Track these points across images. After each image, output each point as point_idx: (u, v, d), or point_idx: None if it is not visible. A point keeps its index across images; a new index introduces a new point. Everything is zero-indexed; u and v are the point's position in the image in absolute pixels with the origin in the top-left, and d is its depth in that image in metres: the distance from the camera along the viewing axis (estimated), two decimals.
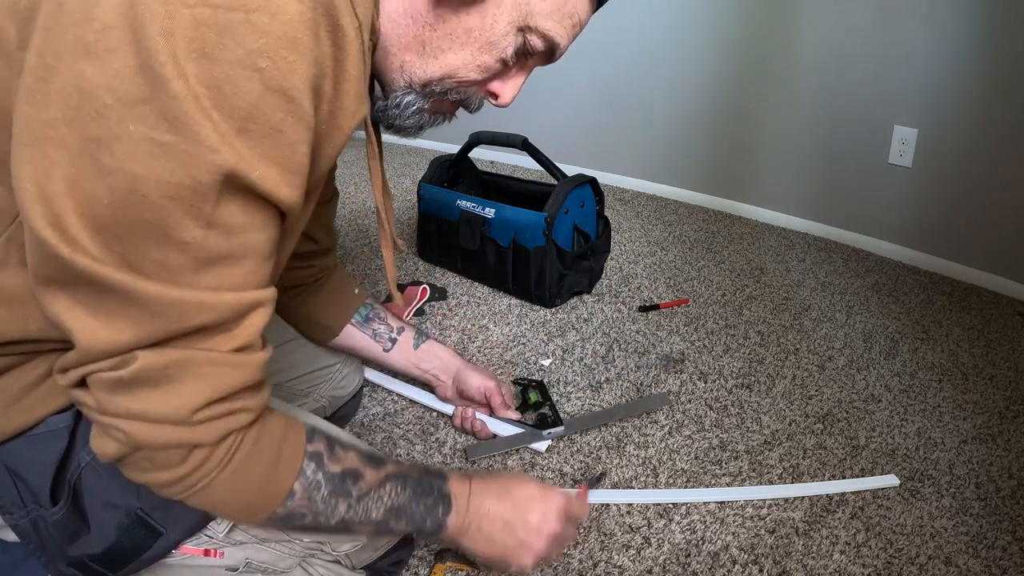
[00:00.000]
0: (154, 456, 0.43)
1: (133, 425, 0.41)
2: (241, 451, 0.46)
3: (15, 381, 0.49)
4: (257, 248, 0.42)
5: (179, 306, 0.39)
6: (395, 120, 0.56)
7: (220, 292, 0.41)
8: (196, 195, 0.37)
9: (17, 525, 0.50)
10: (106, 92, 0.35)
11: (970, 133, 1.61)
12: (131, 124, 0.35)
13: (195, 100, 0.35)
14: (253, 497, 0.48)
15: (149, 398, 0.41)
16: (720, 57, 2.03)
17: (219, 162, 0.37)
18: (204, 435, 0.43)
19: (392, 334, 0.94)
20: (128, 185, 0.36)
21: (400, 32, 0.50)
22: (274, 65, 0.37)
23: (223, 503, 0.48)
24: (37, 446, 0.50)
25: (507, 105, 0.58)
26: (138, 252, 0.38)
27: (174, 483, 0.44)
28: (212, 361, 0.42)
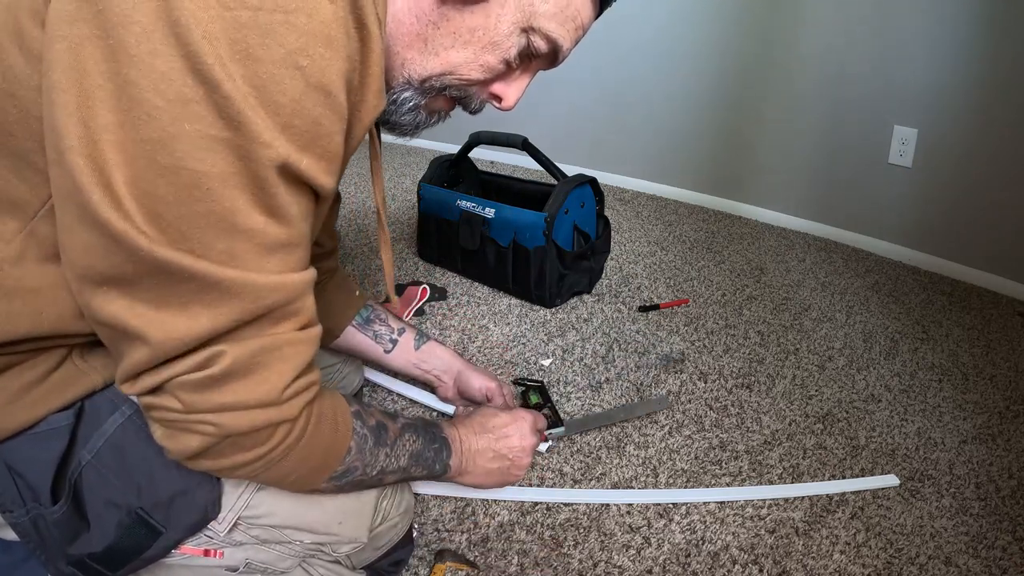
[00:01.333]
0: (240, 441, 0.46)
1: (224, 416, 0.44)
2: (313, 419, 0.50)
3: (16, 379, 0.49)
4: (306, 233, 0.45)
5: (256, 287, 0.42)
6: (391, 116, 0.56)
7: (285, 274, 0.44)
8: (257, 186, 0.40)
9: (17, 523, 0.50)
10: (155, 95, 0.36)
11: (970, 133, 1.61)
12: (186, 123, 0.37)
13: (244, 99, 0.37)
14: (320, 460, 0.53)
15: (241, 388, 0.43)
16: (720, 57, 2.03)
17: (273, 156, 0.39)
18: (289, 411, 0.47)
19: (393, 335, 0.94)
20: (192, 180, 0.38)
21: (404, 30, 0.51)
22: (313, 63, 0.39)
23: (292, 471, 0.51)
24: (38, 444, 0.50)
25: (511, 108, 0.58)
26: (204, 244, 0.40)
27: (254, 461, 0.47)
28: (289, 342, 0.45)
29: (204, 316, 0.41)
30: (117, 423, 0.52)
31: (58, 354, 0.51)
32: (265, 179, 0.39)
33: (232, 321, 0.42)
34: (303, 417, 0.49)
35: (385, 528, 0.65)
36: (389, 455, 0.60)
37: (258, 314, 0.43)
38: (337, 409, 0.54)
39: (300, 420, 0.49)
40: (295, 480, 0.53)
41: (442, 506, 0.87)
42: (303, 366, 0.47)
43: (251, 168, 0.39)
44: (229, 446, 0.46)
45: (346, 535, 0.60)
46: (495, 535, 0.83)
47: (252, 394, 0.44)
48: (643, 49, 2.18)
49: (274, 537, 0.57)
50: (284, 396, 0.46)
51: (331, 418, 0.53)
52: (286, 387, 0.46)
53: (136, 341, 0.41)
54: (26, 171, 0.43)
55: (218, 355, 0.42)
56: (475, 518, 0.85)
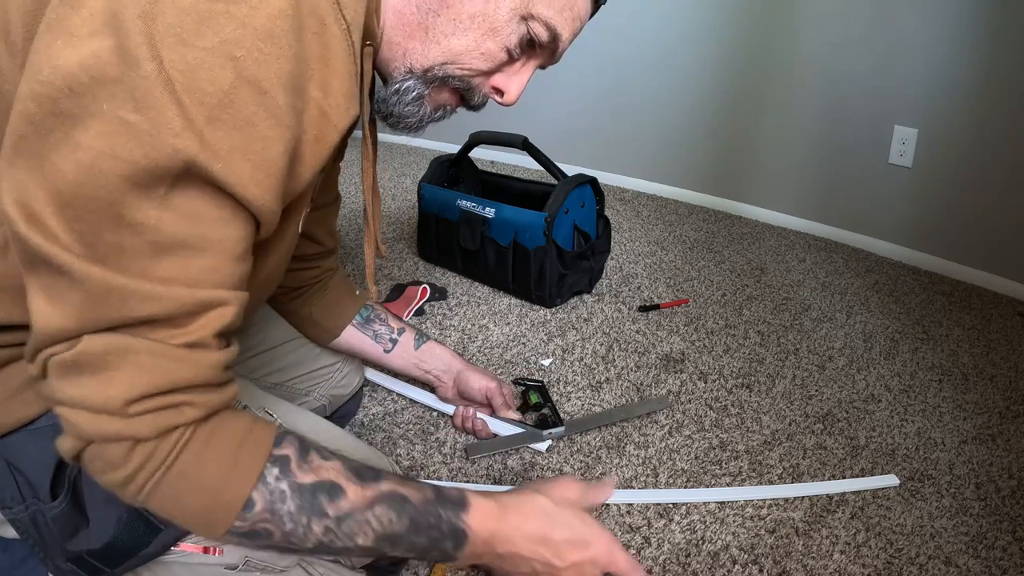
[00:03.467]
0: (103, 452, 0.41)
1: (76, 414, 0.40)
2: (189, 449, 0.43)
3: (17, 374, 0.49)
4: (220, 245, 0.41)
5: (122, 293, 0.38)
6: (394, 107, 0.55)
7: (171, 285, 0.39)
8: (151, 176, 0.37)
9: (16, 520, 0.50)
10: (82, 70, 0.35)
11: (970, 133, 1.61)
12: (104, 103, 0.35)
13: (166, 83, 0.35)
14: (207, 503, 0.44)
15: (88, 385, 0.40)
16: (720, 57, 2.03)
17: (179, 147, 0.36)
18: (140, 428, 0.41)
19: (393, 335, 0.94)
20: (91, 161, 0.36)
21: (405, 22, 0.51)
22: (248, 56, 0.37)
23: (176, 508, 0.44)
24: (37, 440, 0.50)
25: (512, 103, 0.58)
26: (95, 232, 0.37)
27: (126, 483, 0.42)
28: (154, 352, 0.40)
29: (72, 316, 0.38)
30: None
31: None
32: (162, 168, 0.37)
33: (99, 324, 0.39)
34: (169, 442, 0.42)
35: None
36: (333, 531, 0.46)
37: (127, 323, 0.39)
38: (245, 447, 0.45)
39: (163, 445, 0.42)
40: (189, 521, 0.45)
41: None
42: (168, 385, 0.41)
43: (149, 156, 0.36)
44: (97, 458, 0.42)
45: None
46: None
47: (95, 394, 0.39)
48: (643, 49, 2.18)
49: None
50: (131, 409, 0.40)
51: (227, 456, 0.44)
52: (134, 399, 0.40)
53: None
54: None
55: (76, 342, 0.39)
56: None
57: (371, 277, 0.71)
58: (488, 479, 0.92)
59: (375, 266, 0.70)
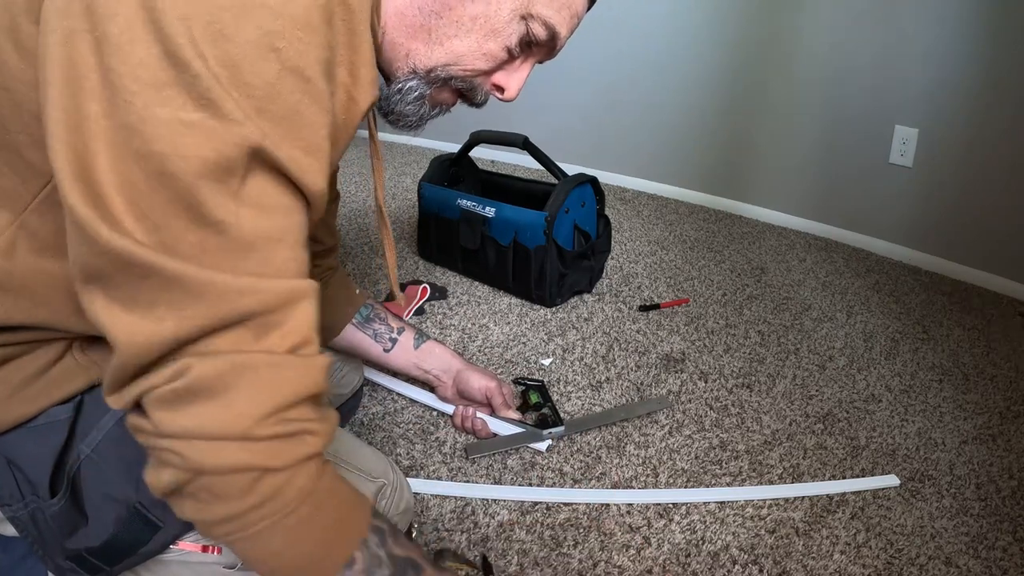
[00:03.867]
0: (214, 485, 0.39)
1: (190, 445, 0.38)
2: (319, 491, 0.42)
3: (17, 371, 0.49)
4: (292, 233, 0.41)
5: (220, 288, 0.38)
6: (396, 105, 0.56)
7: (263, 278, 0.39)
8: (223, 169, 0.37)
9: (15, 517, 0.50)
10: (132, 81, 0.35)
11: (970, 133, 1.61)
12: (158, 107, 0.36)
13: (215, 79, 0.36)
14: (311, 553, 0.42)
15: (207, 411, 0.38)
16: (721, 57, 2.02)
17: (245, 134, 0.37)
18: (270, 455, 0.39)
19: (392, 334, 0.94)
20: (159, 167, 0.36)
21: (408, 23, 0.52)
22: (290, 46, 0.38)
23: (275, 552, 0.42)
24: (37, 437, 0.50)
25: (513, 99, 0.59)
26: (175, 237, 0.37)
27: (231, 518, 0.39)
28: (271, 364, 0.39)
29: (169, 319, 0.37)
30: (116, 417, 0.52)
31: (58, 347, 0.51)
32: (235, 161, 0.37)
33: (198, 327, 0.38)
34: (301, 475, 0.41)
35: None
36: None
37: (228, 322, 0.38)
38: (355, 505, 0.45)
39: (297, 478, 0.40)
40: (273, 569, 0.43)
41: (442, 506, 0.87)
42: (291, 398, 0.40)
43: (218, 148, 0.36)
44: (204, 490, 0.39)
45: None
46: (495, 535, 0.83)
47: (216, 419, 0.38)
48: (643, 49, 2.18)
49: None
50: (258, 432, 0.38)
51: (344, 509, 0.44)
52: (261, 418, 0.38)
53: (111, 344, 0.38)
54: (18, 164, 0.44)
55: (186, 368, 0.37)
56: (475, 518, 0.85)
57: (395, 282, 0.71)
58: (488, 479, 0.92)
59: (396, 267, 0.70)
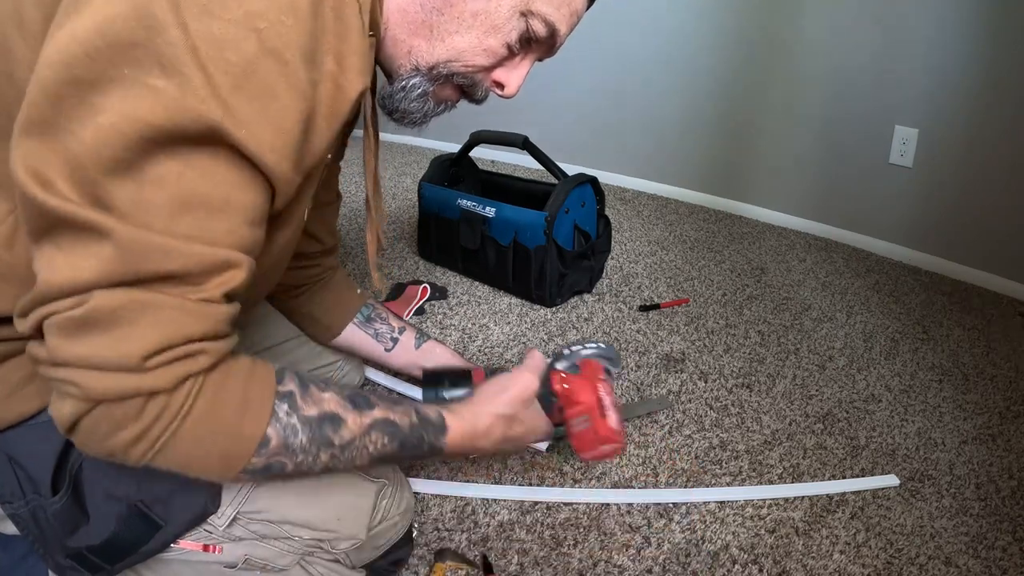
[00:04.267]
0: (111, 412, 0.40)
1: (84, 374, 0.39)
2: (203, 396, 0.43)
3: (18, 369, 0.49)
4: (238, 208, 0.42)
5: (148, 248, 0.38)
6: (400, 103, 0.57)
7: (192, 243, 0.40)
8: (173, 137, 0.38)
9: (16, 515, 0.50)
10: (98, 36, 0.35)
11: (970, 133, 1.61)
12: (125, 67, 0.36)
13: (192, 51, 0.36)
14: (225, 446, 0.45)
15: (100, 342, 0.39)
16: (721, 57, 2.02)
17: (204, 112, 0.37)
18: (157, 380, 0.41)
19: (393, 334, 0.94)
20: (112, 122, 0.36)
21: (409, 20, 0.53)
22: (271, 28, 0.38)
23: (192, 456, 0.44)
24: (39, 435, 0.50)
25: (513, 95, 0.59)
26: (114, 191, 0.38)
27: (137, 440, 0.41)
28: (169, 305, 0.40)
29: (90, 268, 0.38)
30: None
31: None
32: (189, 132, 0.38)
33: (116, 277, 0.39)
34: (183, 392, 0.42)
35: (385, 527, 0.65)
36: (338, 458, 0.50)
37: (146, 278, 0.39)
38: (252, 387, 0.46)
39: (178, 394, 0.42)
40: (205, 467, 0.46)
41: (442, 506, 0.87)
42: (182, 338, 0.41)
43: (175, 120, 0.37)
44: (103, 420, 0.41)
45: (344, 532, 0.60)
46: (495, 535, 0.83)
47: (109, 350, 0.39)
48: (643, 49, 2.18)
49: (273, 532, 0.57)
50: (148, 363, 0.40)
51: (238, 397, 0.45)
52: (151, 353, 0.40)
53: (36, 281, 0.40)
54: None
55: (86, 298, 0.38)
56: (475, 518, 0.85)
57: (373, 265, 0.71)
58: (488, 479, 0.92)
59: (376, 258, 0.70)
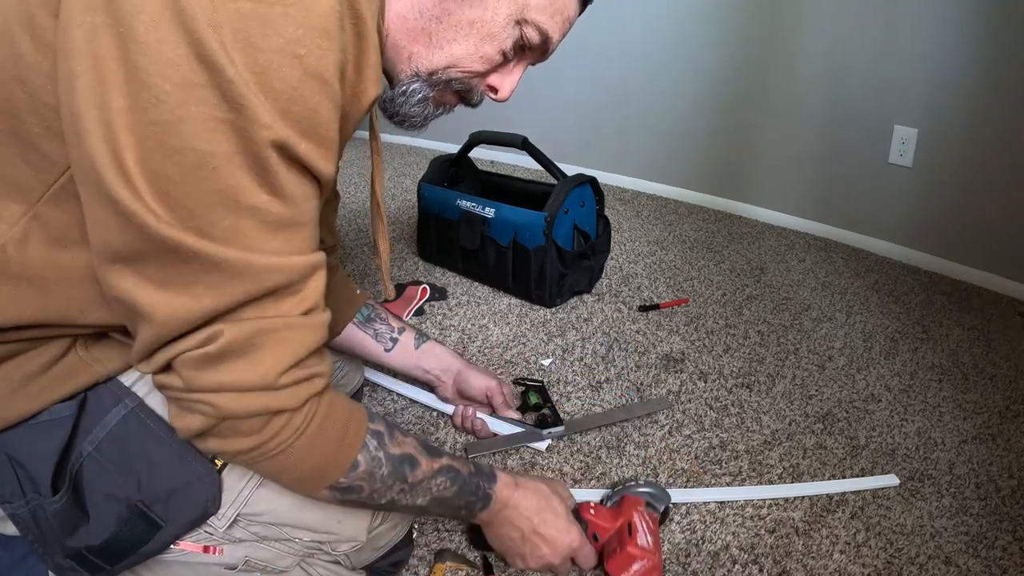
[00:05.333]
0: (238, 425, 0.46)
1: (221, 397, 0.44)
2: (317, 418, 0.49)
3: (19, 368, 0.49)
4: (309, 215, 0.46)
5: (255, 268, 0.43)
6: (401, 107, 0.59)
7: (289, 256, 0.45)
8: (259, 165, 0.41)
9: (16, 514, 0.50)
10: (163, 80, 0.38)
11: (970, 133, 1.61)
12: (192, 106, 0.38)
13: (246, 84, 0.39)
14: (322, 463, 0.51)
15: (237, 368, 0.44)
16: (720, 57, 2.03)
17: (272, 136, 0.41)
18: (287, 400, 0.46)
19: (393, 334, 0.94)
20: (198, 160, 0.40)
21: (409, 27, 0.55)
22: (311, 53, 0.41)
23: (291, 469, 0.50)
24: (39, 434, 0.50)
25: (506, 99, 0.62)
26: (210, 222, 0.41)
27: (253, 449, 0.47)
28: (289, 326, 0.46)
29: (207, 296, 0.42)
30: (119, 415, 0.52)
31: (62, 344, 0.51)
32: (266, 159, 0.41)
33: (234, 301, 0.43)
34: (305, 411, 0.48)
35: (385, 529, 0.65)
36: (407, 492, 0.57)
37: (259, 295, 0.44)
38: (351, 419, 0.53)
39: (300, 413, 0.48)
40: (295, 479, 0.52)
41: None
42: (304, 353, 0.47)
43: (252, 148, 0.40)
44: (228, 429, 0.46)
45: (345, 534, 0.60)
46: None
47: (246, 375, 0.44)
48: (643, 49, 2.18)
49: (273, 534, 0.57)
50: (280, 381, 0.45)
51: (341, 425, 0.52)
52: (283, 372, 0.45)
53: (143, 319, 0.43)
54: (32, 155, 0.44)
55: (217, 334, 0.43)
56: None
57: (387, 271, 0.74)
58: None
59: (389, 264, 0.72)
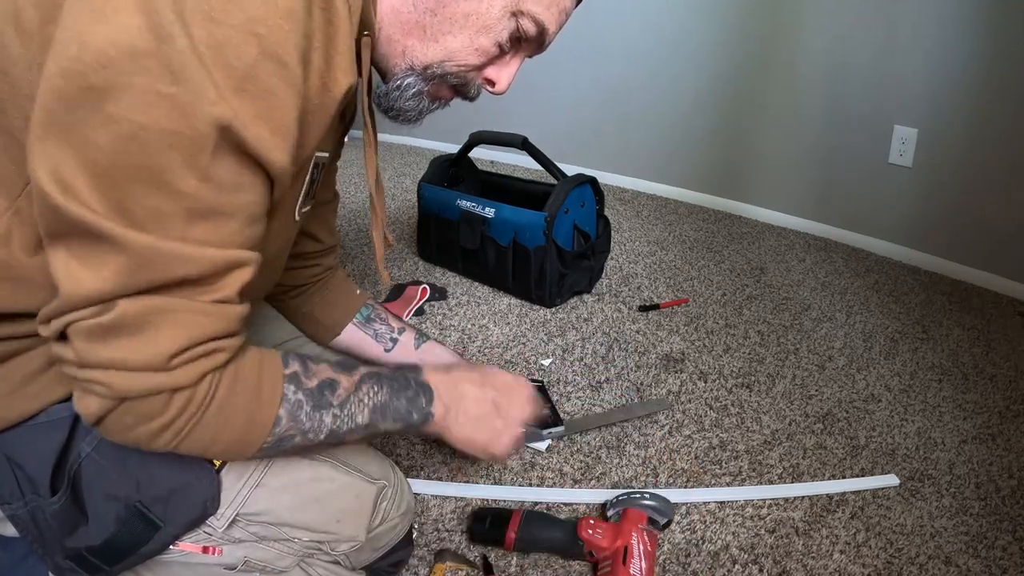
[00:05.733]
0: (137, 407, 0.43)
1: (112, 375, 0.42)
2: (222, 388, 0.47)
3: (18, 368, 0.49)
4: (246, 209, 0.44)
5: (165, 257, 0.41)
6: (395, 102, 0.58)
7: (205, 247, 0.42)
8: (195, 145, 0.39)
9: (15, 515, 0.50)
10: (111, 46, 0.37)
11: (970, 133, 1.61)
12: (136, 76, 0.37)
13: (198, 57, 0.38)
14: (242, 430, 0.49)
15: (127, 346, 0.42)
16: (720, 57, 2.03)
17: (217, 114, 0.39)
18: (181, 378, 0.44)
19: (393, 334, 0.94)
20: (131, 132, 0.38)
21: (403, 20, 0.54)
22: (270, 32, 0.40)
23: (213, 441, 0.48)
24: (38, 435, 0.50)
25: (503, 92, 0.60)
26: (133, 199, 0.39)
27: (162, 431, 0.45)
28: (189, 309, 0.43)
29: (112, 279, 0.40)
30: None
31: None
32: (203, 139, 0.39)
33: (138, 286, 0.41)
34: (204, 386, 0.46)
35: (384, 529, 0.65)
36: (339, 416, 0.55)
37: (164, 283, 0.42)
38: (263, 376, 0.50)
39: (200, 389, 0.45)
40: (225, 450, 0.50)
41: (442, 506, 0.87)
42: (203, 338, 0.45)
43: (192, 125, 0.38)
44: (128, 414, 0.44)
45: (344, 534, 0.60)
46: None
47: (137, 354, 0.42)
48: (643, 49, 2.18)
49: (272, 534, 0.57)
50: (172, 363, 0.43)
51: (252, 386, 0.49)
52: (175, 353, 0.43)
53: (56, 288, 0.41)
54: (13, 148, 0.44)
55: (111, 306, 0.41)
56: None
57: (381, 261, 0.73)
58: (488, 479, 0.92)
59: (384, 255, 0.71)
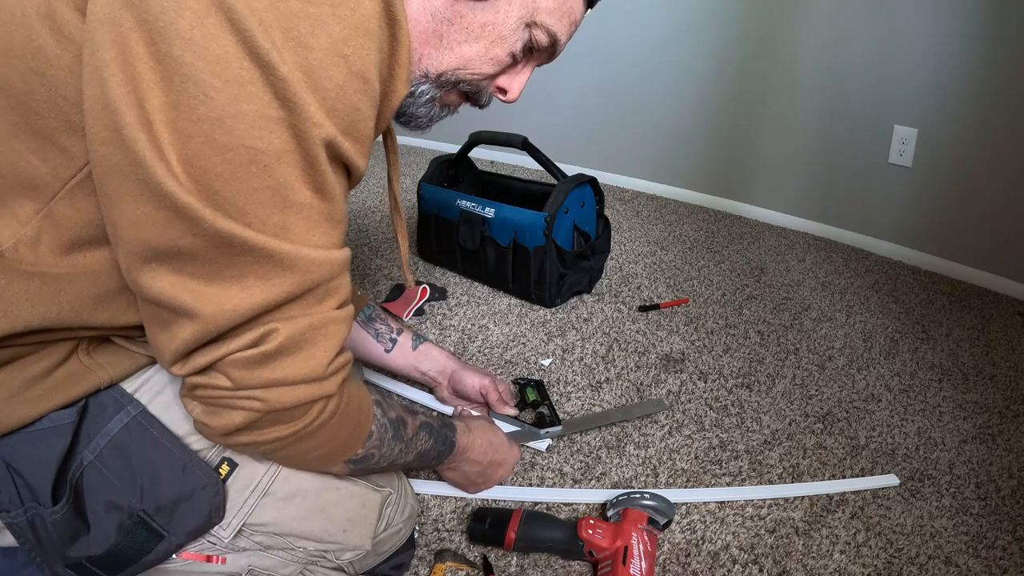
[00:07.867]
0: (281, 416, 0.48)
1: (271, 392, 0.46)
2: (345, 398, 0.52)
3: (21, 372, 0.49)
4: (343, 212, 0.48)
5: (306, 261, 0.44)
6: (408, 108, 0.59)
7: (330, 250, 0.46)
8: (308, 163, 0.42)
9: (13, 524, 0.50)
10: (212, 76, 0.38)
11: (970, 133, 1.61)
12: (244, 103, 0.39)
13: (298, 82, 0.39)
14: (345, 440, 0.55)
15: (292, 364, 0.46)
16: (720, 57, 2.02)
17: (323, 135, 0.42)
18: (330, 387, 0.49)
19: (392, 334, 0.94)
20: (249, 157, 0.40)
21: (421, 28, 0.54)
22: (355, 52, 0.42)
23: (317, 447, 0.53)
24: (39, 442, 0.50)
25: (514, 100, 0.62)
26: (259, 219, 0.42)
27: (289, 436, 0.49)
28: (333, 320, 0.48)
29: (257, 289, 0.43)
30: (122, 423, 0.52)
31: (64, 348, 0.50)
32: (315, 157, 0.42)
33: (284, 294, 0.44)
34: (338, 394, 0.51)
35: (388, 535, 0.65)
36: (404, 451, 0.63)
37: (306, 288, 0.45)
38: (361, 394, 0.57)
39: (335, 396, 0.51)
40: (317, 457, 0.54)
41: (442, 506, 0.87)
42: (342, 343, 0.50)
43: (303, 146, 0.41)
44: (269, 421, 0.48)
45: (350, 543, 0.60)
46: None
47: (300, 370, 0.46)
48: (643, 49, 2.18)
49: (278, 544, 0.57)
50: (327, 372, 0.48)
51: (357, 400, 0.55)
52: (330, 363, 0.48)
53: (184, 317, 0.42)
54: (49, 151, 0.44)
55: (272, 332, 0.44)
56: None
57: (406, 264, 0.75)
58: None
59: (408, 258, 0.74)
